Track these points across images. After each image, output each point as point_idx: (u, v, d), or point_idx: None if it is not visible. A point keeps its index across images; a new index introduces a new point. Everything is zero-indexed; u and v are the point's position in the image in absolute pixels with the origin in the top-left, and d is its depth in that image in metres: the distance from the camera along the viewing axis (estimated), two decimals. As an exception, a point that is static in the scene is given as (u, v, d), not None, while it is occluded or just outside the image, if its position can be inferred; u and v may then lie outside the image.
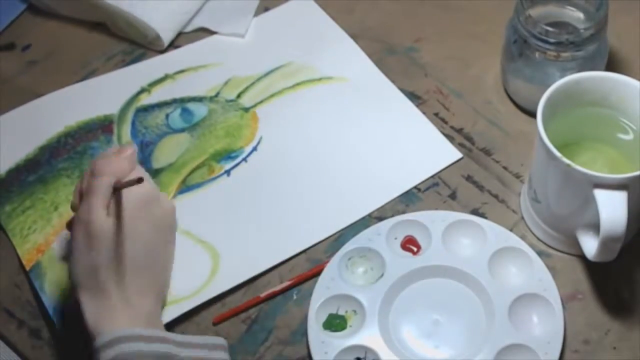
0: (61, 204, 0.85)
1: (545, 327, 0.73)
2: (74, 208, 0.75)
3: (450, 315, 0.75)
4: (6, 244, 0.82)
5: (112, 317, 0.69)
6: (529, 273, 0.75)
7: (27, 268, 0.80)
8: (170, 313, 0.76)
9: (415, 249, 0.78)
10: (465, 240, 0.78)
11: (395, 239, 0.79)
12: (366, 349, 0.73)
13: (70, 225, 0.75)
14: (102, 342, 0.67)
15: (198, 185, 0.85)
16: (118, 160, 0.74)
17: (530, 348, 0.71)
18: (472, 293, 0.75)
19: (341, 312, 0.75)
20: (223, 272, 0.79)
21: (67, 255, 0.75)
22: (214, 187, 0.85)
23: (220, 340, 0.72)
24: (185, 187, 0.85)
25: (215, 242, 0.81)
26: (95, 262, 0.70)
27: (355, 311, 0.75)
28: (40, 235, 0.82)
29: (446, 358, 0.73)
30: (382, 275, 0.76)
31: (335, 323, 0.75)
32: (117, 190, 0.72)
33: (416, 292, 0.76)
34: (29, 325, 0.78)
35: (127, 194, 0.71)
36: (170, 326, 0.76)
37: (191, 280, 0.78)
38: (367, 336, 0.73)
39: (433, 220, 0.79)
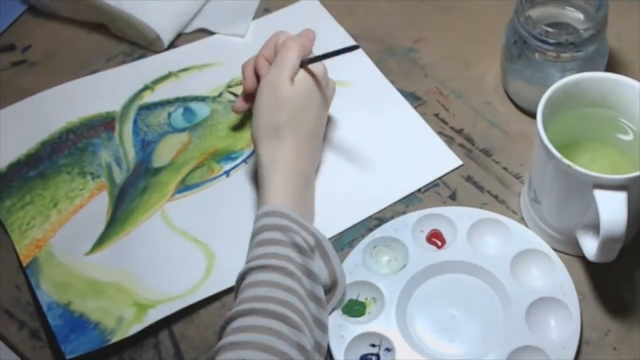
0: (60, 201, 0.85)
1: (561, 332, 0.73)
2: (248, 67, 0.84)
3: (467, 312, 0.75)
4: (6, 245, 0.82)
5: (282, 166, 0.78)
6: (550, 276, 0.76)
7: (24, 264, 0.80)
8: (163, 311, 0.76)
9: (439, 243, 0.79)
10: (490, 238, 0.78)
11: (422, 231, 0.79)
12: (381, 337, 0.73)
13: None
14: (261, 212, 0.75)
15: (197, 185, 0.85)
16: (304, 40, 0.83)
17: (544, 351, 0.71)
18: (491, 291, 0.76)
19: (361, 299, 0.76)
20: (217, 273, 0.79)
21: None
22: (213, 188, 0.85)
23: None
24: (184, 187, 0.85)
25: (211, 242, 0.81)
26: (277, 121, 0.79)
27: (374, 299, 0.76)
28: (38, 231, 0.83)
29: (459, 353, 0.73)
30: (404, 265, 0.77)
31: (354, 309, 0.75)
32: (304, 65, 0.81)
33: (436, 286, 0.77)
34: (29, 326, 0.78)
35: (310, 74, 0.81)
36: (170, 325, 0.77)
37: (185, 280, 0.78)
38: (384, 324, 0.74)
39: (460, 217, 0.79)
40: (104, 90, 0.93)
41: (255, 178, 0.85)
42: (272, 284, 0.69)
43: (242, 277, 0.72)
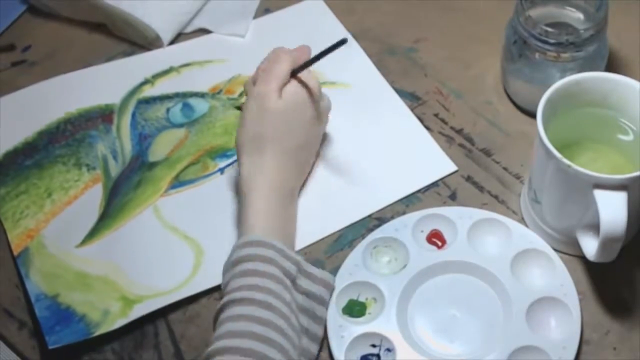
0: (55, 191, 0.85)
1: (562, 332, 0.73)
2: (249, 84, 0.82)
3: (468, 312, 0.75)
4: (6, 245, 0.82)
5: (263, 181, 0.77)
6: (551, 276, 0.76)
7: (16, 253, 0.81)
8: (149, 306, 0.76)
9: (440, 243, 0.79)
10: (490, 238, 0.78)
11: (422, 231, 0.79)
12: (382, 337, 0.73)
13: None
14: (240, 242, 0.74)
15: (190, 181, 0.85)
16: (297, 53, 0.82)
17: (544, 351, 0.71)
18: (492, 291, 0.76)
19: (361, 299, 0.76)
20: (206, 270, 0.79)
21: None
22: (206, 185, 0.85)
23: (329, 278, 0.76)
24: (178, 183, 0.85)
25: (201, 239, 0.81)
26: (261, 133, 0.78)
27: (375, 299, 0.76)
28: (31, 221, 0.83)
29: (460, 353, 0.73)
30: (405, 266, 0.77)
31: (355, 309, 0.75)
32: (294, 74, 0.80)
33: (437, 286, 0.77)
34: (29, 325, 0.78)
35: (302, 84, 0.80)
36: (170, 326, 0.77)
37: (173, 276, 0.78)
38: (384, 325, 0.74)
39: (460, 217, 0.79)
40: (104, 83, 0.93)
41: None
42: (250, 318, 0.68)
43: (221, 310, 0.70)
